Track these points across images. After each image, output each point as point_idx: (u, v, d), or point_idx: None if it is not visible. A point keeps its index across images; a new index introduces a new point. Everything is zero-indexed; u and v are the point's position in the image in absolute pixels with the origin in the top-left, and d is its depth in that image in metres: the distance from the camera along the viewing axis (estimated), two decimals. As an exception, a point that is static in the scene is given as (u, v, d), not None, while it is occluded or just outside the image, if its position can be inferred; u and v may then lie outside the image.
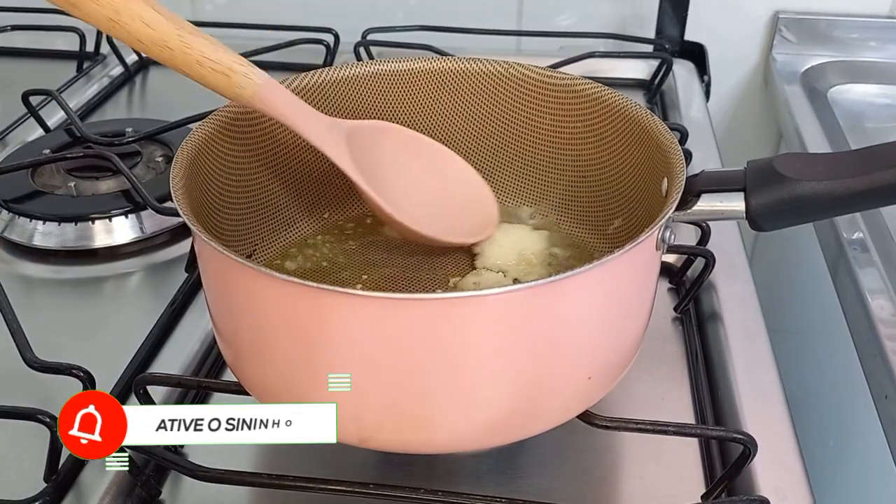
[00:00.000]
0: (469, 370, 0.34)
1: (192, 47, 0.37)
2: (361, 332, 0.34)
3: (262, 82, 0.40)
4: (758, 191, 0.37)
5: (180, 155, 0.41)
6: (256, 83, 0.39)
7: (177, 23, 0.37)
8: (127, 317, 0.54)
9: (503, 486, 0.42)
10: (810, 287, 0.76)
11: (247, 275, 0.35)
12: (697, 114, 0.77)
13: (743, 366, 0.48)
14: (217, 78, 0.38)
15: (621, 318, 0.37)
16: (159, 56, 0.37)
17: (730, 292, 0.54)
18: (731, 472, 0.39)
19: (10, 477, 0.42)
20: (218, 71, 0.38)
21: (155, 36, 0.36)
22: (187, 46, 0.37)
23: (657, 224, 0.36)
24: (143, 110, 0.83)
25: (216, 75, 0.38)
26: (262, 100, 0.40)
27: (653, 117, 0.43)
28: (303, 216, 0.51)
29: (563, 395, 0.37)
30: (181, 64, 0.38)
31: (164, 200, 0.58)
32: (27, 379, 0.44)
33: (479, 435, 0.37)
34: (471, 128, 0.52)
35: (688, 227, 0.57)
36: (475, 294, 0.34)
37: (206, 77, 0.38)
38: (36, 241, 0.59)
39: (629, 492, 0.42)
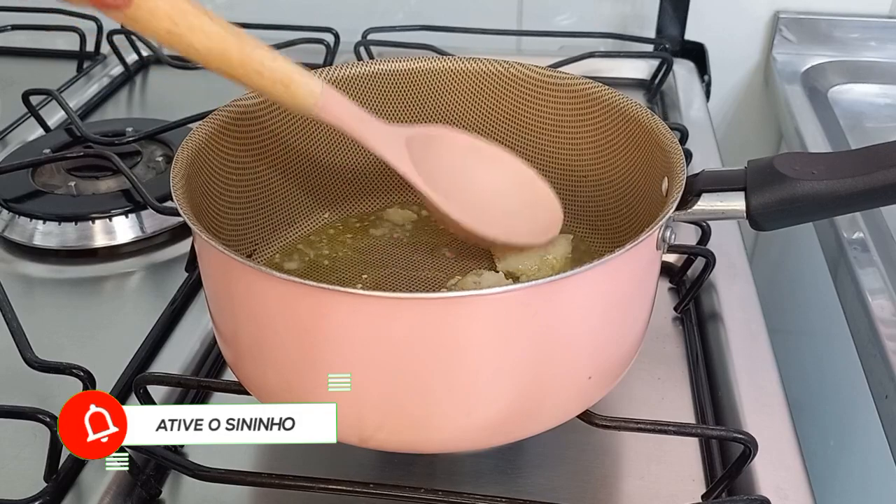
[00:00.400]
0: (469, 370, 0.34)
1: (252, 58, 0.36)
2: (362, 332, 0.33)
3: (322, 91, 0.39)
4: (758, 190, 0.37)
5: (180, 154, 0.41)
6: (317, 93, 0.39)
7: (235, 33, 0.36)
8: (127, 316, 0.54)
9: (504, 486, 0.41)
10: (810, 287, 0.76)
11: (247, 274, 0.35)
12: (698, 113, 0.77)
13: (743, 365, 0.48)
14: (277, 88, 0.37)
15: (622, 318, 0.37)
16: (219, 68, 0.36)
17: (730, 292, 0.54)
18: (731, 471, 0.39)
19: (10, 476, 0.42)
20: (278, 81, 0.37)
21: (214, 47, 0.35)
22: (247, 57, 0.36)
23: (658, 223, 0.36)
24: (144, 110, 0.83)
25: (276, 86, 0.37)
26: (323, 109, 0.39)
27: (653, 117, 0.43)
28: (303, 216, 0.51)
29: (564, 394, 0.37)
30: (240, 75, 0.36)
31: (165, 200, 0.58)
32: (27, 379, 0.44)
33: (480, 434, 0.37)
34: (471, 128, 0.52)
35: (688, 226, 0.57)
36: (475, 294, 0.34)
37: (267, 87, 0.37)
38: (36, 241, 0.59)
39: (629, 491, 0.42)
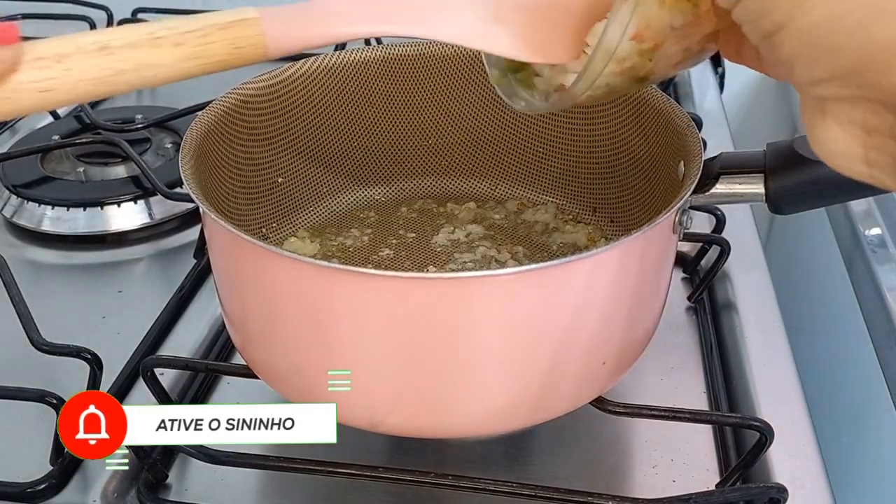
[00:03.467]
0: (481, 351, 0.34)
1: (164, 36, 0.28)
2: (372, 313, 0.33)
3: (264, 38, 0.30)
4: (778, 173, 0.37)
5: (189, 136, 0.40)
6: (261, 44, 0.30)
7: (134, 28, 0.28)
8: (135, 302, 0.54)
9: (514, 473, 0.41)
10: (825, 281, 0.75)
11: (257, 254, 0.34)
12: (712, 105, 0.76)
13: (758, 354, 0.47)
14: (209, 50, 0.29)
15: (636, 302, 0.37)
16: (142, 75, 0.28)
17: (745, 281, 0.53)
18: (746, 459, 0.38)
19: (17, 459, 0.42)
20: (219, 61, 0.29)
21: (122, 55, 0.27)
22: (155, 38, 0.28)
23: (675, 205, 0.35)
24: (153, 98, 0.82)
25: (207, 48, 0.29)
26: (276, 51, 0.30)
27: (668, 100, 0.43)
28: (311, 201, 0.51)
29: (577, 379, 0.36)
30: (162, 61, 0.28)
31: (174, 186, 0.58)
32: (35, 363, 0.44)
33: (492, 419, 0.36)
34: (484, 114, 0.51)
35: (701, 216, 0.57)
36: (487, 274, 0.33)
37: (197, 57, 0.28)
38: (45, 227, 0.59)
39: (641, 480, 0.41)
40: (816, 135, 0.25)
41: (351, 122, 0.50)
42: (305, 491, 0.40)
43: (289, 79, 0.47)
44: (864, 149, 0.23)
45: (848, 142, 0.24)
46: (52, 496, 0.40)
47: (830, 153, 0.24)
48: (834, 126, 0.24)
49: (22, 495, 0.40)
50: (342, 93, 0.49)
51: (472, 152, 0.52)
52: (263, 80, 0.46)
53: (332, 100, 0.49)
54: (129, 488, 0.40)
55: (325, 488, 0.40)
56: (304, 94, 0.48)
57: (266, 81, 0.46)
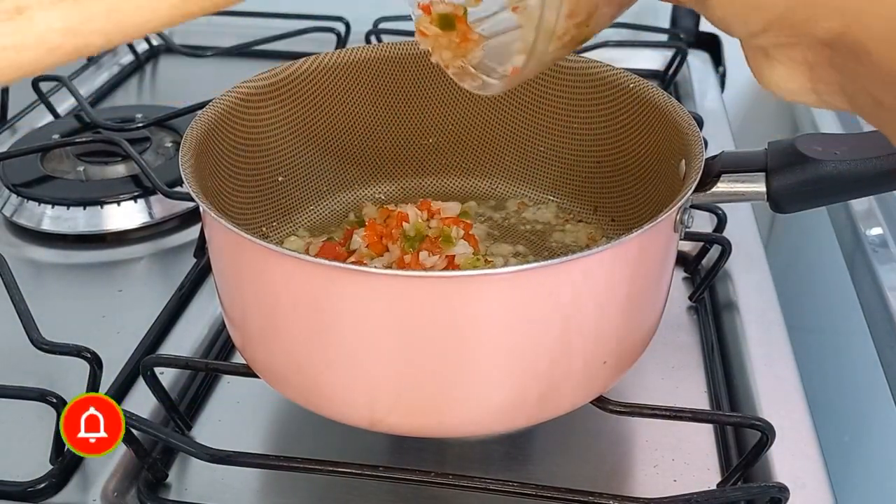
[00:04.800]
0: (482, 350, 0.34)
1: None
2: (373, 311, 0.33)
3: None
4: (780, 172, 0.37)
5: (189, 134, 0.40)
6: None
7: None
8: (135, 302, 0.53)
9: (514, 472, 0.41)
10: (827, 282, 0.75)
11: (257, 253, 0.34)
12: (712, 104, 0.76)
13: (759, 354, 0.47)
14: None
15: (638, 300, 0.37)
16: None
17: (746, 280, 0.53)
18: (748, 459, 0.38)
19: (17, 458, 0.42)
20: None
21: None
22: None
23: (676, 203, 0.35)
24: (154, 97, 0.82)
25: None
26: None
27: (669, 99, 0.43)
28: (311, 200, 0.51)
29: (578, 378, 0.36)
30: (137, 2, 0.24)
31: (174, 185, 0.58)
32: (35, 362, 0.44)
33: (493, 418, 0.36)
34: (485, 112, 0.51)
35: (702, 216, 0.56)
36: (488, 272, 0.33)
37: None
38: (45, 226, 0.58)
39: (643, 480, 0.41)
40: (766, 76, 0.26)
41: (351, 121, 0.50)
42: (305, 491, 0.40)
43: (289, 78, 0.47)
44: (812, 81, 0.25)
45: (796, 78, 0.26)
46: (53, 495, 0.40)
47: (782, 91, 0.26)
48: (779, 66, 0.26)
49: (22, 494, 0.40)
50: (342, 92, 0.49)
51: (472, 151, 0.52)
52: (263, 78, 0.46)
53: (333, 99, 0.49)
54: (129, 487, 0.40)
55: (325, 488, 0.40)
56: (304, 93, 0.48)
57: (266, 80, 0.46)
